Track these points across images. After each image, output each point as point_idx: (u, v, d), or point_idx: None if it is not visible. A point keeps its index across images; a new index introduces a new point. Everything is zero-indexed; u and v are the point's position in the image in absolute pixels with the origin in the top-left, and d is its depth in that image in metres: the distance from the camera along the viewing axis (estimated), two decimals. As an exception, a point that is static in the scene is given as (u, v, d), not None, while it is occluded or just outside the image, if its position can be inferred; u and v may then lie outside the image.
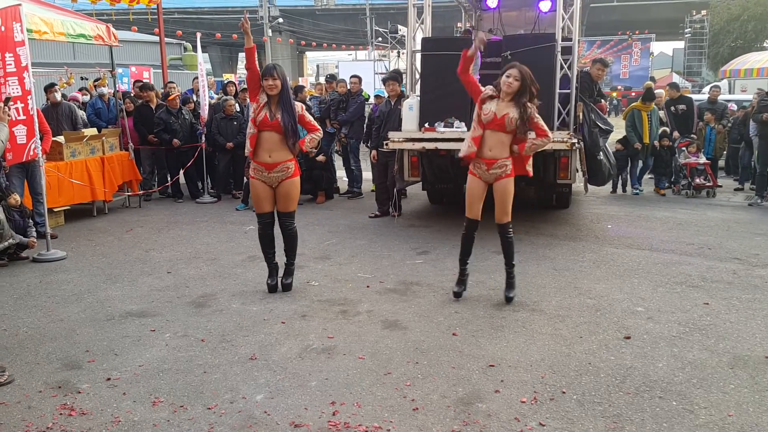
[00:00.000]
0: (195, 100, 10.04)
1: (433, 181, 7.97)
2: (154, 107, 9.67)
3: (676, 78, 27.41)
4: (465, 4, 10.24)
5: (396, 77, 8.19)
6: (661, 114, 10.30)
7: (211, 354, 3.99)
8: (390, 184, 8.06)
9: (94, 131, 8.80)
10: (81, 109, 9.86)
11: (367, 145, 8.87)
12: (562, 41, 7.13)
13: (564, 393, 3.44)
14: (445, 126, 7.09)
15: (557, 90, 7.05)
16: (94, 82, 11.69)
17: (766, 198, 8.92)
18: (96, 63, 18.51)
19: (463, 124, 6.90)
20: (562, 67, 7.10)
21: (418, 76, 7.73)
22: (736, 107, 11.82)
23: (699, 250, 6.41)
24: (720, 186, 10.09)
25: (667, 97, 10.47)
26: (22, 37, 6.12)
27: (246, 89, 7.58)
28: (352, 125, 9.59)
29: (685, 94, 11.35)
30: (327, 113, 9.82)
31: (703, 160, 9.80)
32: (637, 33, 36.23)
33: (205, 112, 9.49)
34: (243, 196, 8.90)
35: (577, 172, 7.69)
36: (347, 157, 9.87)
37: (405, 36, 12.50)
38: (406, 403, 3.36)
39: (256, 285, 5.35)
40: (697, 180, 9.64)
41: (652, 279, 5.46)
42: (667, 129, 10.14)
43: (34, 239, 6.43)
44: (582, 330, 4.32)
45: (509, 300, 4.84)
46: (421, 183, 8.13)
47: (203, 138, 9.45)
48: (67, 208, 7.91)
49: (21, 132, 6.27)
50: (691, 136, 10.09)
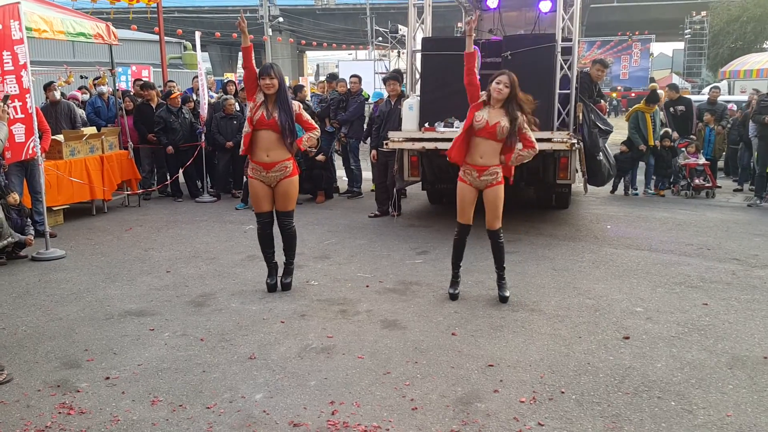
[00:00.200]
0: (195, 99, 10.04)
1: (433, 181, 7.97)
2: (154, 106, 9.66)
3: (675, 79, 27.48)
4: (465, 4, 10.24)
5: (396, 77, 8.19)
6: (661, 115, 10.29)
7: (210, 353, 3.99)
8: (390, 183, 8.06)
9: (93, 130, 8.80)
10: (81, 107, 9.85)
11: (365, 141, 8.83)
12: (562, 42, 7.13)
13: (563, 393, 3.44)
14: (445, 126, 7.09)
15: (557, 90, 7.05)
16: (94, 80, 11.66)
17: (765, 199, 8.94)
18: (96, 62, 18.47)
19: (462, 125, 6.89)
20: (562, 68, 7.10)
21: (418, 76, 7.74)
22: (735, 108, 11.82)
23: (698, 251, 6.41)
24: (719, 187, 10.11)
25: (666, 98, 10.47)
26: (20, 35, 6.12)
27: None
28: (351, 125, 9.59)
29: (684, 95, 11.35)
30: (327, 113, 9.82)
31: (702, 160, 9.81)
32: (636, 33, 36.22)
33: (204, 111, 9.48)
34: (242, 195, 8.90)
35: (577, 172, 7.70)
36: (347, 156, 9.86)
37: (405, 36, 12.51)
38: (405, 402, 3.36)
39: (256, 284, 5.35)
40: (696, 181, 9.65)
41: (651, 279, 5.47)
42: (668, 130, 10.14)
43: (32, 237, 6.43)
44: (581, 330, 4.33)
45: (505, 299, 4.87)
46: (420, 183, 8.14)
47: (203, 137, 9.45)
48: (67, 206, 7.91)
49: (19, 130, 6.26)
50: (690, 137, 10.10)
